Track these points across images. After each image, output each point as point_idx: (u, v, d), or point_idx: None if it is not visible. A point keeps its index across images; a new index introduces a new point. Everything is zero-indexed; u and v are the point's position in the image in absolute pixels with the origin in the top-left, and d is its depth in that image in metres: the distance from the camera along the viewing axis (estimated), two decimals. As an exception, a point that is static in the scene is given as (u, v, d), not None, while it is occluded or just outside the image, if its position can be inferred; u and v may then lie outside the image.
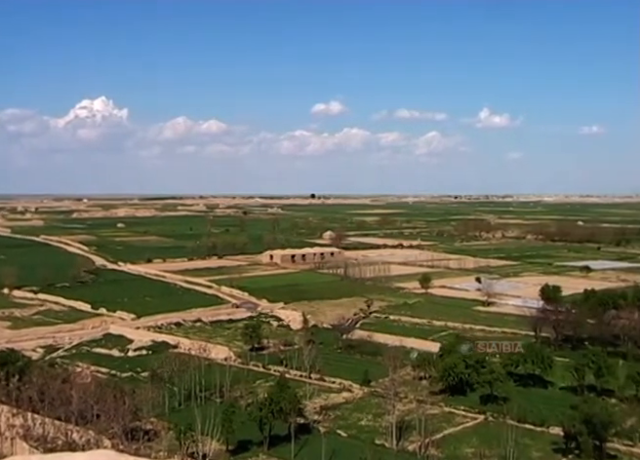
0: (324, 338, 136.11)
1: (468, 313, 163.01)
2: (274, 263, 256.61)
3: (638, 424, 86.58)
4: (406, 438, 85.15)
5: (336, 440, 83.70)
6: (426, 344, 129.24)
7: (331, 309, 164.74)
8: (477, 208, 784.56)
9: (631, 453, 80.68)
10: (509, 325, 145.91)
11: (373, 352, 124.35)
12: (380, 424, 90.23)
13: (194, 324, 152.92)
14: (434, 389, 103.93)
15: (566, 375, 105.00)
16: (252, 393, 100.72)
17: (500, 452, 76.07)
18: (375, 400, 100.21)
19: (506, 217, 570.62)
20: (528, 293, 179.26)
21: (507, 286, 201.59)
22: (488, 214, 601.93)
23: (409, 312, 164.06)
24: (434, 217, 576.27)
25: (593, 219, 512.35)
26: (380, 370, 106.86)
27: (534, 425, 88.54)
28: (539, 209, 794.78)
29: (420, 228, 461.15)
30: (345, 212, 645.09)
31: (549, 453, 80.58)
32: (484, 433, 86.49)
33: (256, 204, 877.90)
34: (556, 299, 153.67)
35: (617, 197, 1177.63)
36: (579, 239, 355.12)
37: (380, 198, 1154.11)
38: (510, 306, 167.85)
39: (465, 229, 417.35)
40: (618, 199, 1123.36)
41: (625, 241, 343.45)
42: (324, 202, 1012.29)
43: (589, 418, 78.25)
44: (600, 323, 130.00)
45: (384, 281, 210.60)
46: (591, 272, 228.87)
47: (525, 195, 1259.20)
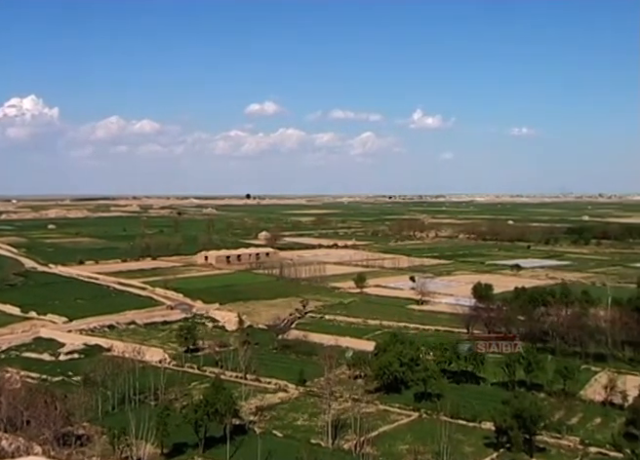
0: (260, 339, 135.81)
1: (403, 312, 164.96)
2: (209, 264, 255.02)
3: (566, 417, 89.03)
4: (341, 436, 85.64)
5: (271, 441, 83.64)
6: (361, 343, 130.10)
7: (266, 309, 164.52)
8: (411, 208, 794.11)
9: (559, 445, 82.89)
10: (443, 323, 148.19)
11: (308, 352, 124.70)
12: (315, 423, 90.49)
13: (128, 326, 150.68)
14: (369, 387, 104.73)
15: (497, 371, 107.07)
16: (187, 395, 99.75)
17: (433, 448, 77.13)
18: (310, 399, 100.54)
19: (439, 217, 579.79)
20: (460, 292, 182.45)
21: (441, 284, 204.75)
22: (421, 214, 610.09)
23: (344, 311, 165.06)
24: (369, 217, 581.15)
25: (523, 219, 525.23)
26: (315, 370, 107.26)
27: (466, 421, 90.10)
28: (471, 208, 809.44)
29: (355, 228, 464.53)
30: (281, 213, 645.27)
31: (481, 448, 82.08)
32: (418, 429, 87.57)
33: (190, 204, 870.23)
34: (488, 297, 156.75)
35: (545, 197, 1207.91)
36: (509, 238, 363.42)
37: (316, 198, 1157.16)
38: (444, 304, 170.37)
39: (400, 229, 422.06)
40: (546, 199, 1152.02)
41: (554, 239, 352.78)
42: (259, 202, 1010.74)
43: (520, 413, 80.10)
44: (530, 319, 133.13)
45: (320, 281, 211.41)
46: (521, 270, 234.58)
47: (457, 195, 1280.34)
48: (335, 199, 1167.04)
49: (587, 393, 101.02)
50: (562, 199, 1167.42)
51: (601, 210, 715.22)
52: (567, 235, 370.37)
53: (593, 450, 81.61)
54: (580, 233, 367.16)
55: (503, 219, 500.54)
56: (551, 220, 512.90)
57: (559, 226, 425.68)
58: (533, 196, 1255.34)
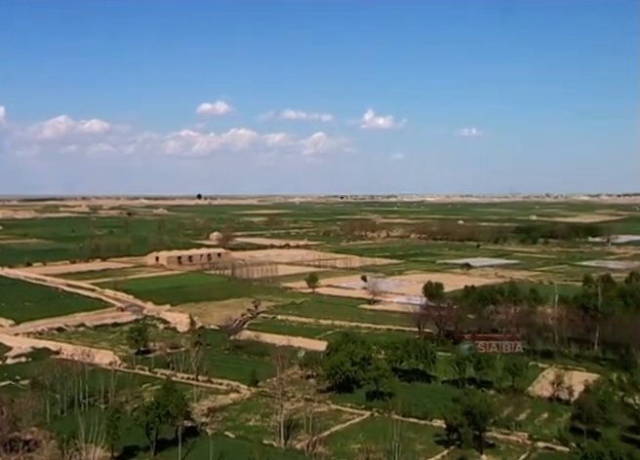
0: (211, 340, 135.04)
1: (355, 311, 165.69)
2: (160, 265, 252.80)
3: (515, 413, 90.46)
4: (294, 436, 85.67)
5: (224, 442, 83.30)
6: (314, 343, 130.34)
7: (218, 310, 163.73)
8: (363, 208, 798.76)
9: (508, 441, 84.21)
10: (394, 323, 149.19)
11: (260, 352, 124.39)
12: (268, 424, 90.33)
13: (77, 328, 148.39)
14: (322, 387, 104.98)
15: (448, 369, 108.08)
16: (138, 397, 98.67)
17: (385, 447, 77.55)
18: (263, 400, 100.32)
19: (391, 217, 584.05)
20: (412, 291, 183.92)
21: (392, 284, 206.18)
22: (373, 214, 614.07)
23: (296, 311, 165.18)
24: (321, 217, 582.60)
25: (473, 218, 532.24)
26: (267, 370, 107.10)
27: (418, 418, 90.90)
28: (422, 208, 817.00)
29: (307, 228, 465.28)
30: (232, 213, 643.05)
31: (432, 445, 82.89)
32: (370, 428, 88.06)
33: (141, 205, 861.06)
34: (438, 296, 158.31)
35: (494, 197, 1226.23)
36: (459, 237, 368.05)
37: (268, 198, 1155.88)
38: (395, 304, 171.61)
39: (351, 229, 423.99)
40: (495, 199, 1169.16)
41: (503, 239, 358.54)
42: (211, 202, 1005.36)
43: (470, 410, 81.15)
44: (479, 318, 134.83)
45: (272, 281, 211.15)
46: (471, 269, 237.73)
47: (409, 195, 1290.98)
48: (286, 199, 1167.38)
49: (535, 389, 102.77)
50: (510, 199, 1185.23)
51: (548, 209, 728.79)
52: (515, 234, 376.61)
53: (541, 445, 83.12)
54: (527, 232, 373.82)
55: (454, 219, 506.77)
56: (500, 220, 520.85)
57: (508, 226, 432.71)
58: (482, 196, 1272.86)
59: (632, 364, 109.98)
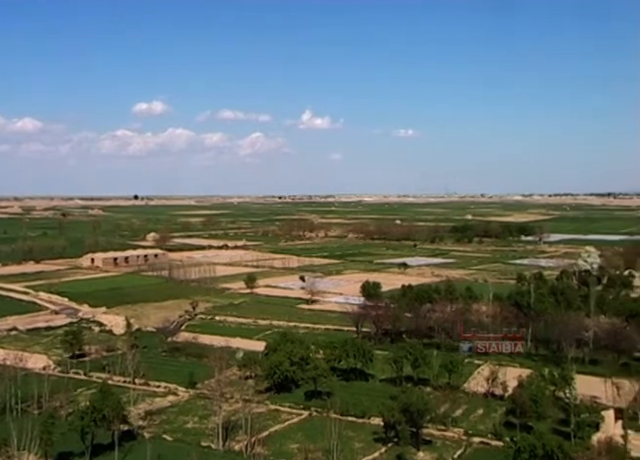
0: (148, 342, 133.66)
1: (293, 311, 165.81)
2: (96, 267, 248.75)
3: (451, 409, 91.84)
4: (232, 438, 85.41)
5: (161, 445, 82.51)
6: (252, 344, 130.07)
7: (155, 312, 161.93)
8: (301, 208, 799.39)
9: (445, 437, 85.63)
10: (333, 322, 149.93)
11: (198, 354, 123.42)
12: (206, 426, 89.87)
13: (9, 332, 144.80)
14: (260, 388, 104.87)
15: (386, 368, 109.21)
16: (73, 402, 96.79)
17: (324, 446, 77.93)
18: (201, 401, 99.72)
19: (329, 217, 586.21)
20: (350, 290, 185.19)
21: (330, 283, 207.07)
22: (311, 214, 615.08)
23: (234, 312, 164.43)
24: (259, 218, 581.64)
25: (410, 218, 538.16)
26: (205, 372, 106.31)
27: (356, 417, 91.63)
28: (359, 208, 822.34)
29: (246, 228, 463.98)
30: (170, 214, 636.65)
31: (370, 443, 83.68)
32: (309, 428, 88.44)
33: (75, 205, 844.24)
34: (376, 295, 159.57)
35: (431, 197, 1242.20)
36: (396, 237, 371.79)
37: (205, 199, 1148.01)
38: (333, 303, 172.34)
39: (289, 229, 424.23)
40: (432, 199, 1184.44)
41: (439, 238, 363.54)
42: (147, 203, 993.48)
43: (407, 407, 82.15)
44: (416, 316, 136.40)
45: (210, 282, 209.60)
46: (408, 268, 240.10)
47: (346, 195, 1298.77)
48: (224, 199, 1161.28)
49: (471, 385, 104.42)
50: (446, 199, 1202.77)
51: (483, 209, 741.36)
52: (451, 234, 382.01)
53: (476, 440, 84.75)
54: (463, 232, 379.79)
55: (391, 219, 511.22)
56: (436, 220, 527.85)
57: (444, 225, 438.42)
58: (419, 196, 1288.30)
59: (563, 359, 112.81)
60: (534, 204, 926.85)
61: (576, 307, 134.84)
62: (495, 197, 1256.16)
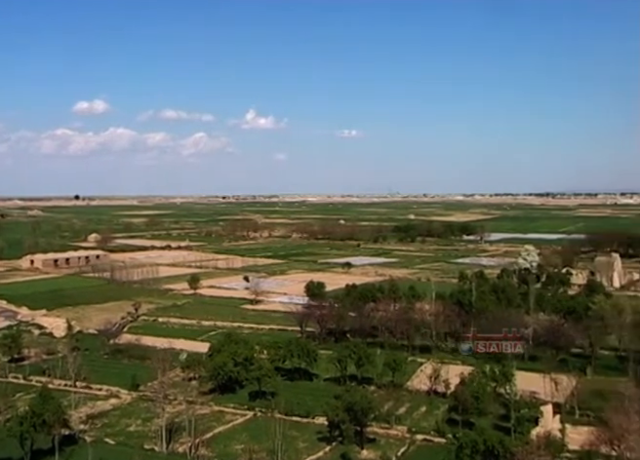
0: (90, 344, 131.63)
1: (237, 312, 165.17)
2: (35, 268, 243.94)
3: (394, 407, 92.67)
4: (176, 440, 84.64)
5: (103, 449, 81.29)
6: (196, 345, 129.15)
7: (97, 314, 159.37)
8: (245, 208, 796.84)
9: (388, 435, 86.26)
10: (277, 322, 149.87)
11: (141, 355, 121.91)
12: (149, 428, 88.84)
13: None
14: (204, 389, 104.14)
15: (330, 367, 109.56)
16: (11, 407, 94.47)
17: (268, 446, 77.87)
18: (144, 404, 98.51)
19: (273, 217, 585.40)
20: (294, 290, 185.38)
21: (274, 283, 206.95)
22: (255, 214, 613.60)
23: (178, 313, 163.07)
24: (203, 218, 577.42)
25: (353, 218, 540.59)
26: (149, 374, 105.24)
27: (300, 417, 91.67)
28: (303, 208, 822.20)
29: (189, 229, 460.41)
30: (112, 214, 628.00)
31: (315, 443, 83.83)
32: (253, 428, 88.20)
33: (14, 206, 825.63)
34: (320, 295, 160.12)
35: (374, 197, 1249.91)
36: (340, 237, 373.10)
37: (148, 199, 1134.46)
38: (277, 303, 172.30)
39: (233, 229, 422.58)
40: (375, 199, 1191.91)
41: (382, 238, 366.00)
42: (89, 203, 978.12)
43: (351, 406, 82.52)
44: (360, 315, 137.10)
45: (153, 283, 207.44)
46: (352, 268, 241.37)
47: (290, 195, 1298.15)
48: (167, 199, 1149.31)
49: (414, 383, 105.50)
50: (390, 199, 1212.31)
51: (425, 209, 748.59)
52: (394, 233, 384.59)
53: (419, 437, 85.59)
54: (406, 231, 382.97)
55: (335, 219, 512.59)
56: (380, 219, 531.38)
57: (387, 225, 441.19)
58: (362, 196, 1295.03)
59: (504, 355, 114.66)
60: (475, 203, 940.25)
61: (516, 305, 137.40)
62: (437, 197, 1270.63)
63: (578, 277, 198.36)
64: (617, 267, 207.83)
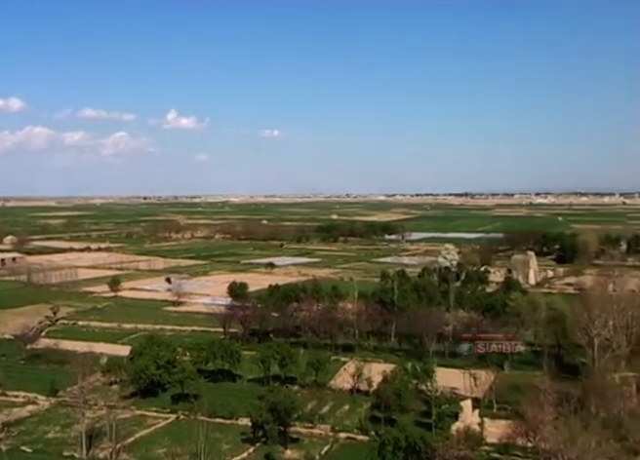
0: (6, 350, 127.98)
1: (159, 314, 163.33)
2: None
3: (318, 407, 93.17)
4: (97, 446, 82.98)
5: (20, 457, 79.16)
6: (117, 348, 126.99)
7: (13, 318, 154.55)
8: (166, 208, 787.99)
9: (312, 434, 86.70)
10: (200, 324, 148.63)
11: (60, 360, 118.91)
12: (68, 434, 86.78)
13: None
14: (125, 393, 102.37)
15: (253, 368, 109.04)
16: None
17: (191, 449, 77.20)
18: (63, 410, 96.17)
19: (195, 218, 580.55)
20: (217, 291, 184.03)
21: (197, 285, 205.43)
22: (177, 215, 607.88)
23: (98, 316, 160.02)
24: (123, 219, 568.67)
25: (276, 218, 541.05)
26: (68, 379, 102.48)
27: (224, 418, 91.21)
28: (226, 209, 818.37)
29: (109, 230, 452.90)
30: (28, 215, 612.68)
31: (238, 444, 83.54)
32: (176, 432, 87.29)
33: None
34: (243, 295, 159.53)
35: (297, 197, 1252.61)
36: (263, 237, 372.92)
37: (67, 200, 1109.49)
38: (200, 305, 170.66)
39: (155, 230, 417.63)
40: (298, 199, 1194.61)
41: (305, 238, 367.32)
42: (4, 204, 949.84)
43: (275, 406, 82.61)
44: (283, 315, 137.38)
45: (72, 285, 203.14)
46: (275, 268, 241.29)
47: (213, 195, 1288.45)
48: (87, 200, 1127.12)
49: (337, 382, 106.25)
50: (312, 199, 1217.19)
51: (348, 209, 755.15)
52: (317, 233, 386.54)
53: (343, 436, 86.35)
54: (329, 231, 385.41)
55: (258, 219, 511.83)
56: (302, 219, 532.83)
57: (310, 225, 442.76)
58: (285, 196, 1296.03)
59: (425, 353, 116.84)
60: (396, 203, 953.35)
61: (436, 302, 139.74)
62: (359, 197, 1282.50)
63: (495, 275, 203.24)
64: (532, 265, 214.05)
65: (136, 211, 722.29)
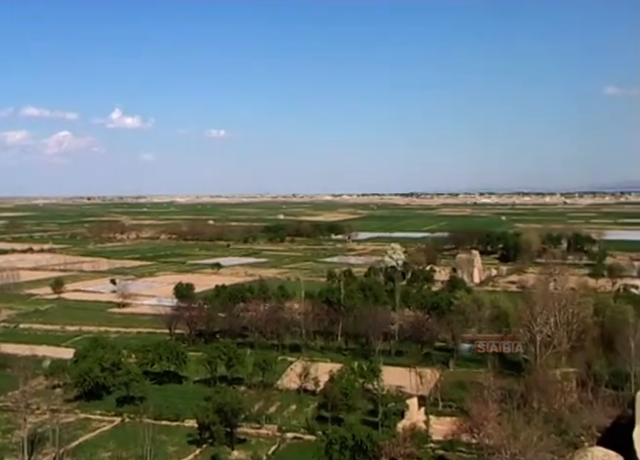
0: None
1: (104, 315, 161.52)
2: None
3: (265, 407, 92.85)
4: (39, 451, 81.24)
5: (-42, 465, 77.45)
6: (60, 351, 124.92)
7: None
8: (111, 209, 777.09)
9: (259, 435, 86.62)
10: (145, 325, 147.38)
11: (1, 364, 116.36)
12: (10, 440, 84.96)
13: None
14: (69, 396, 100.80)
15: (200, 369, 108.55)
16: None
17: (137, 452, 76.47)
18: (3, 415, 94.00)
19: (141, 218, 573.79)
20: (163, 292, 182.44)
21: (143, 286, 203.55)
22: (122, 216, 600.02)
23: (41, 319, 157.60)
24: (67, 220, 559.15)
25: (223, 218, 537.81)
26: (9, 383, 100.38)
27: (170, 421, 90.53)
28: (172, 209, 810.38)
29: (53, 231, 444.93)
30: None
31: (185, 446, 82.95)
32: (121, 435, 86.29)
33: None
34: (189, 296, 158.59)
35: (244, 197, 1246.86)
36: (210, 237, 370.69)
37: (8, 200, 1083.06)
38: (146, 306, 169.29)
39: (100, 231, 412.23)
40: (245, 199, 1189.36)
41: (252, 238, 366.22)
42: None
43: (221, 407, 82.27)
44: (230, 316, 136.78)
45: (14, 287, 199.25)
46: (222, 268, 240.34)
47: (158, 196, 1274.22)
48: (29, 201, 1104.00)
49: (284, 382, 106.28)
50: (259, 199, 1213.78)
51: (295, 209, 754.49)
52: (264, 233, 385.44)
53: (290, 436, 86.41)
54: (275, 231, 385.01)
55: (204, 219, 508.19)
56: (249, 220, 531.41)
57: (257, 225, 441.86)
58: (232, 196, 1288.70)
59: (371, 352, 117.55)
60: (343, 203, 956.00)
61: (383, 302, 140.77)
62: (306, 197, 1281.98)
63: (441, 273, 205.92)
64: (476, 264, 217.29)
65: (79, 212, 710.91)
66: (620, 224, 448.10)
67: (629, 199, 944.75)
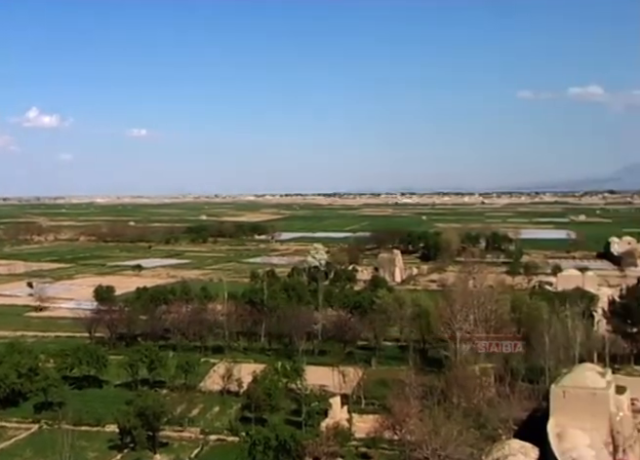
0: None
1: (20, 320, 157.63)
2: None
3: (187, 410, 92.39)
4: (-51, 462, 79.02)
5: None
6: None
7: None
8: (28, 210, 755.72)
9: (181, 438, 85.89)
10: (64, 329, 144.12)
11: None
12: None
13: None
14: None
15: (121, 372, 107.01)
16: None
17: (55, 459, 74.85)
18: None
19: (59, 219, 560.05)
20: (82, 295, 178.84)
21: (61, 289, 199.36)
22: (39, 217, 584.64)
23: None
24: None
25: (144, 219, 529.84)
26: None
27: (90, 426, 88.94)
28: (91, 210, 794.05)
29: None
30: None
31: (105, 451, 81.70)
32: (38, 442, 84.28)
33: None
34: (110, 299, 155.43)
35: (166, 197, 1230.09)
36: (131, 239, 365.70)
37: None
38: (65, 309, 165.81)
39: (16, 233, 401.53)
40: (167, 199, 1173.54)
41: (174, 239, 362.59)
42: None
43: (143, 411, 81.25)
44: (152, 318, 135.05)
45: None
46: (143, 270, 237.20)
47: (78, 196, 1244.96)
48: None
49: (207, 384, 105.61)
50: (181, 199, 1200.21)
51: (217, 209, 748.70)
52: (186, 234, 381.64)
53: (213, 438, 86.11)
54: (198, 232, 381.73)
55: (125, 220, 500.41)
56: (171, 220, 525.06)
57: (179, 226, 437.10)
58: (153, 197, 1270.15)
59: (294, 351, 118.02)
60: (266, 204, 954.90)
61: (306, 301, 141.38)
62: (228, 197, 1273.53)
63: (363, 273, 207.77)
64: (398, 263, 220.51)
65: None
66: (535, 223, 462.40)
67: (544, 199, 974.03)
